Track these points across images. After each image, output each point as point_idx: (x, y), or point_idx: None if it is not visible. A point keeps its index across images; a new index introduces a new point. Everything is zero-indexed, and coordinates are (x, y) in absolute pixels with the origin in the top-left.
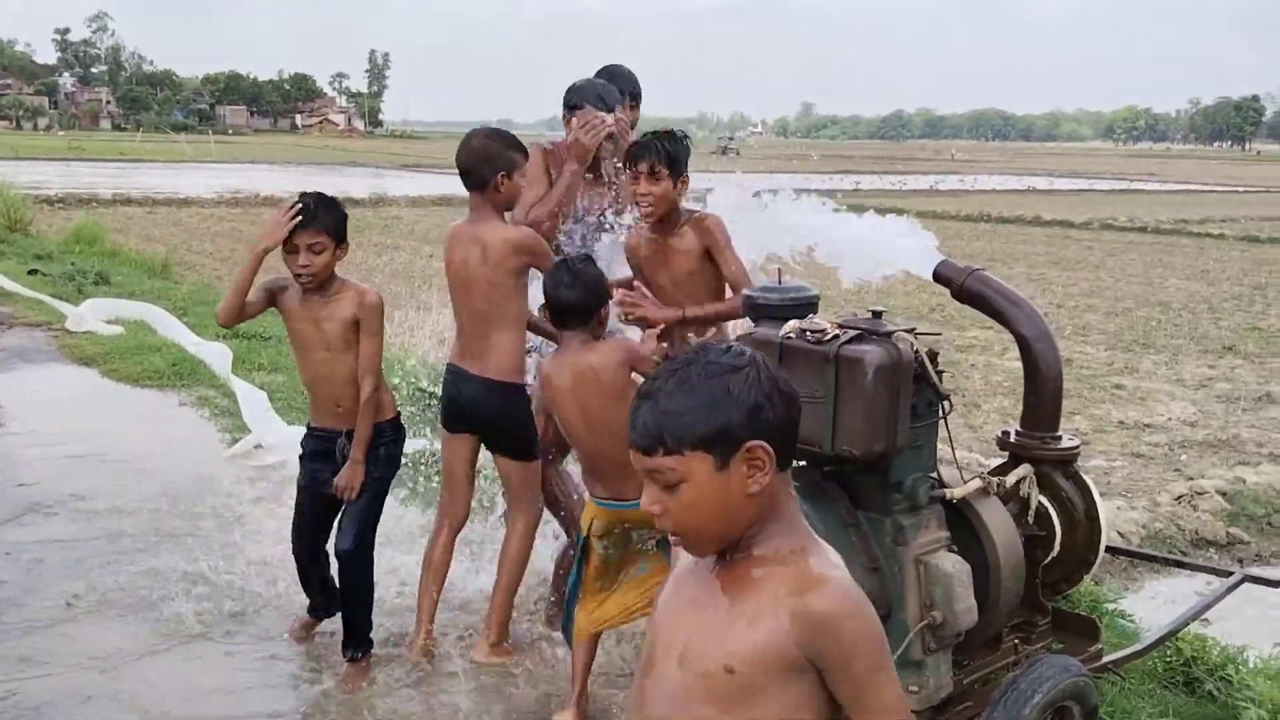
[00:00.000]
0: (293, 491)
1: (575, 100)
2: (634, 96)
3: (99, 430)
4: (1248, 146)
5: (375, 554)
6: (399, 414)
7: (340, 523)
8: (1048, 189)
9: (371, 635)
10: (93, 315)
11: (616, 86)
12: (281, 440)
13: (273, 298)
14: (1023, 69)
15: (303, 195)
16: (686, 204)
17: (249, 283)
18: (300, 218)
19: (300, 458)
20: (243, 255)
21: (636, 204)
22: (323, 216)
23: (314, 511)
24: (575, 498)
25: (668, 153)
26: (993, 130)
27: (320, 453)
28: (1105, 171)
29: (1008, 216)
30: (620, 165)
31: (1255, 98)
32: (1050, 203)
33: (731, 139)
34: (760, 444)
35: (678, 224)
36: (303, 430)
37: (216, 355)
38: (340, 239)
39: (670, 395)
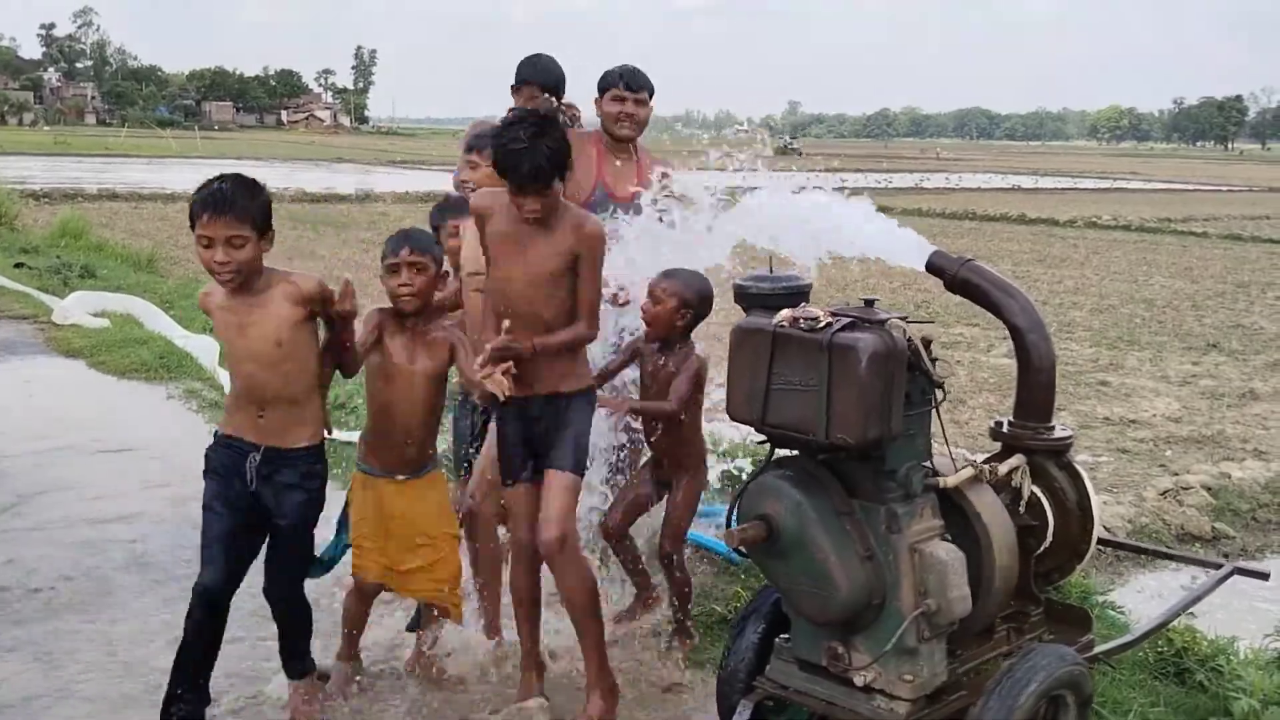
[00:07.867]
0: None
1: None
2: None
3: (86, 421)
4: (1230, 146)
5: None
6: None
7: (278, 566)
8: (1032, 187)
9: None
10: (79, 308)
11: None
12: None
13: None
14: (1008, 68)
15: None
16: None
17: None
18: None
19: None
20: None
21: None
22: (242, 203)
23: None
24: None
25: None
26: (978, 129)
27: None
28: (1089, 170)
29: (993, 214)
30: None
31: (1238, 98)
32: (1035, 201)
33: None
34: None
35: (555, 212)
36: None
37: (204, 348)
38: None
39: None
